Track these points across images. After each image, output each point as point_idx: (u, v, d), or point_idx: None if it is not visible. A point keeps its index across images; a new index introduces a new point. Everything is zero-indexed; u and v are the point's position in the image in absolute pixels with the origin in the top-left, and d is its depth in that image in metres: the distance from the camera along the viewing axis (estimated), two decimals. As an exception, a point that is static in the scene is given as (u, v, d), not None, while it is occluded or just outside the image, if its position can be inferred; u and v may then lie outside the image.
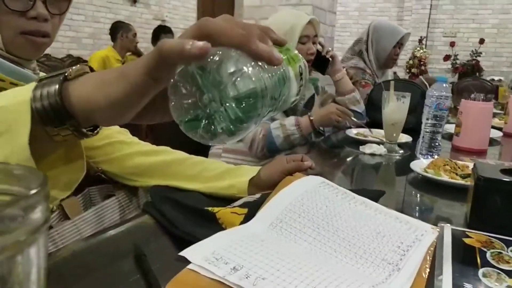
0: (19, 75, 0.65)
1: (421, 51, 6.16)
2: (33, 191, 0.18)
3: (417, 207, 0.89)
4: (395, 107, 1.22)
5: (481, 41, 6.58)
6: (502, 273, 0.53)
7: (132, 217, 0.69)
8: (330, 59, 1.68)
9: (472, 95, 1.37)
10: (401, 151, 1.26)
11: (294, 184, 0.66)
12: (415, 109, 1.51)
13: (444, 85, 1.19)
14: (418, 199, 0.94)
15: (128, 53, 3.85)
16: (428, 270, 0.52)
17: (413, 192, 0.97)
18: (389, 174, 1.16)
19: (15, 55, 0.67)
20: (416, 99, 1.55)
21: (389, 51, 2.13)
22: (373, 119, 1.68)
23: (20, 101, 0.39)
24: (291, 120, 1.44)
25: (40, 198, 0.18)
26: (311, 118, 1.44)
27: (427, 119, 1.17)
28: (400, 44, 2.14)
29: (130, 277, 0.51)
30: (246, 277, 0.44)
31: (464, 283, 0.50)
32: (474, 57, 6.62)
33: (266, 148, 1.43)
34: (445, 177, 0.93)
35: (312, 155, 1.34)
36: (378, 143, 1.27)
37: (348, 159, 1.27)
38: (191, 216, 0.63)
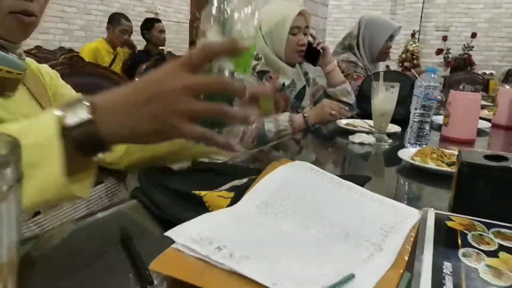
0: (4, 61, 0.65)
1: (414, 45, 6.18)
2: (6, 151, 0.19)
3: (404, 195, 0.90)
4: (384, 97, 1.23)
5: (473, 35, 6.61)
6: (481, 253, 0.54)
7: (120, 201, 0.69)
8: (321, 50, 1.69)
9: (461, 86, 1.39)
10: (390, 141, 1.27)
11: (281, 169, 0.67)
12: (405, 100, 1.52)
13: (433, 75, 1.20)
14: (406, 186, 0.95)
15: (120, 46, 3.83)
16: (409, 250, 0.53)
17: (401, 179, 0.98)
18: (377, 163, 1.18)
19: (3, 37, 0.68)
20: (406, 90, 1.55)
21: (381, 46, 2.15)
22: (364, 111, 1.69)
23: (49, 136, 0.43)
24: (285, 116, 1.46)
25: (12, 158, 0.19)
26: (305, 115, 1.45)
27: (416, 108, 1.19)
28: (391, 37, 2.15)
29: (116, 259, 0.52)
30: (230, 256, 0.45)
31: (444, 262, 0.51)
32: (466, 51, 6.65)
33: (256, 139, 1.44)
34: (431, 165, 0.94)
35: (302, 144, 1.35)
36: (367, 133, 1.28)
37: (338, 148, 1.28)
38: (178, 200, 0.63)
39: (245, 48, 0.46)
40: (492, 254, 0.54)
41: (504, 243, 0.57)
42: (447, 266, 0.50)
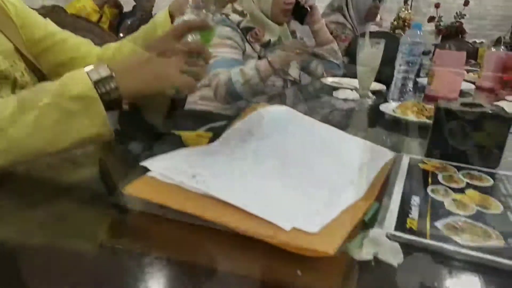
0: None
1: (406, 12, 6.10)
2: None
3: (384, 145, 0.91)
4: (369, 53, 1.23)
5: (466, 3, 6.53)
6: (449, 189, 0.56)
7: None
8: (309, 8, 1.66)
9: (447, 45, 1.39)
10: (374, 97, 1.28)
11: (260, 111, 0.67)
12: (392, 61, 1.52)
13: (418, 32, 1.21)
14: (386, 138, 0.96)
15: (107, 5, 3.72)
16: (380, 185, 0.55)
17: (382, 132, 1.00)
18: (360, 117, 1.19)
19: None
20: (394, 51, 1.55)
21: (369, 4, 2.13)
22: (351, 71, 1.69)
23: (87, 87, 0.53)
24: (250, 64, 1.42)
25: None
26: (269, 59, 1.42)
27: (400, 65, 1.19)
28: (380, -4, 2.13)
29: (93, 190, 0.53)
30: (204, 182, 0.46)
31: (413, 196, 0.53)
32: (458, 19, 6.60)
33: (228, 94, 1.41)
34: (411, 116, 0.95)
35: (286, 100, 1.36)
36: (351, 89, 1.29)
37: (321, 103, 1.29)
38: (157, 138, 0.64)
39: (210, 25, 0.65)
40: (459, 190, 0.56)
41: (472, 182, 0.60)
42: (415, 199, 0.52)
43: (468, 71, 2.12)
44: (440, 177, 0.61)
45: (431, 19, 6.85)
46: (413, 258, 0.40)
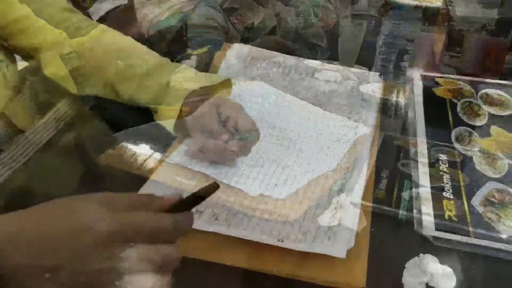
0: None
1: (394, -2, 6.12)
2: None
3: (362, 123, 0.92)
4: (351, 32, 1.23)
5: (453, -10, 6.56)
6: (420, 163, 0.58)
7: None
8: (294, -10, 1.65)
9: (430, 28, 1.40)
10: (356, 78, 1.29)
11: (238, 86, 0.67)
12: (376, 45, 1.52)
13: (400, 12, 1.21)
14: (366, 118, 0.97)
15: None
16: (352, 158, 0.56)
17: (361, 111, 1.00)
18: (341, 97, 1.19)
19: None
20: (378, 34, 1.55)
21: None
22: (334, 53, 1.69)
23: None
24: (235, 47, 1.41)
25: None
26: None
27: (381, 46, 1.20)
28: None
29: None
30: (175, 153, 0.46)
31: (383, 169, 0.54)
32: (445, 6, 6.64)
33: None
34: (390, 96, 0.96)
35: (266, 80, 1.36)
36: (333, 71, 1.29)
37: (303, 85, 1.29)
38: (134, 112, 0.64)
39: None
40: (430, 165, 0.58)
41: (443, 157, 0.61)
42: (385, 172, 0.54)
43: (451, 56, 2.14)
44: (412, 152, 0.62)
45: (418, 6, 6.89)
46: (378, 224, 0.41)
